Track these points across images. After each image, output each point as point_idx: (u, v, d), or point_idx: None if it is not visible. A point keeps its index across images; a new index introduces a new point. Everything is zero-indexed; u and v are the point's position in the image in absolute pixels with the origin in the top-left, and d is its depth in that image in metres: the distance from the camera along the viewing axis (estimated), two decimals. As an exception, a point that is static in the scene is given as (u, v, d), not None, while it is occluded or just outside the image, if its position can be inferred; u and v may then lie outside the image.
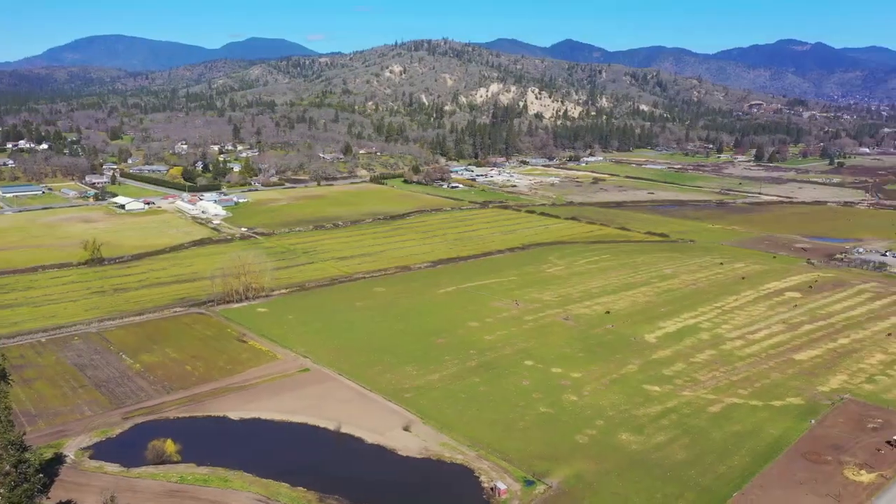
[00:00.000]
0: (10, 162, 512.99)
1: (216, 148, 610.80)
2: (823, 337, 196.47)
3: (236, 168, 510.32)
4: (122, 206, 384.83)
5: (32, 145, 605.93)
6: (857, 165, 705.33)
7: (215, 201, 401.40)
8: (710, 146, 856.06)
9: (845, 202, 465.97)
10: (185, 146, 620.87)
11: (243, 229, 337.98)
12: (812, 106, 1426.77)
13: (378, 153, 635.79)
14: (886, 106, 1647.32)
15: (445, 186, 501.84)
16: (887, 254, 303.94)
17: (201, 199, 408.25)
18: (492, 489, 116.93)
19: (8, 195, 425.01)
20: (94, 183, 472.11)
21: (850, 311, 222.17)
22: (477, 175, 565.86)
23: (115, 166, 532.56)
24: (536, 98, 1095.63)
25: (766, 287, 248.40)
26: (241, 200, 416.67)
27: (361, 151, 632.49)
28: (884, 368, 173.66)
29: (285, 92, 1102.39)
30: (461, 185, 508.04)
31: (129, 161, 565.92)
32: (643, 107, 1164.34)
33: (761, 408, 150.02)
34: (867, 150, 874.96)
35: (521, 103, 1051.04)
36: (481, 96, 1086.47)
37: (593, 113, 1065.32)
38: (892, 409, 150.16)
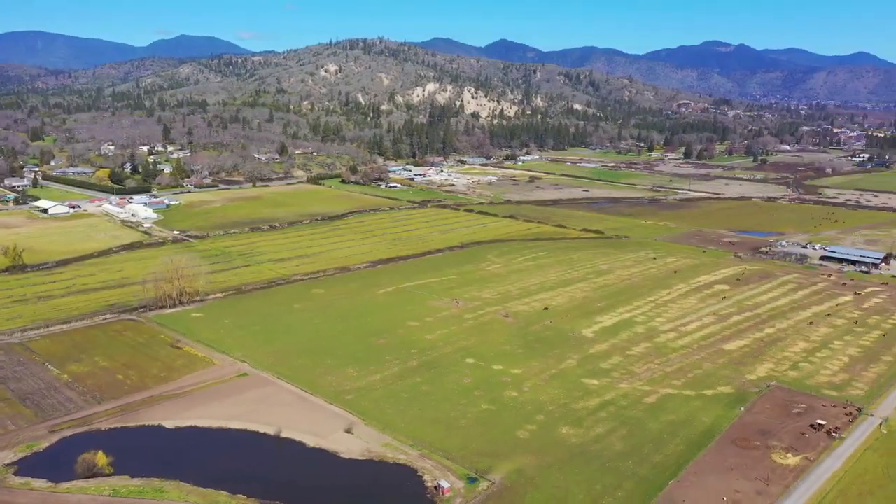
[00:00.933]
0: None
1: (145, 149, 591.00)
2: (751, 327, 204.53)
3: (167, 169, 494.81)
4: (46, 210, 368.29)
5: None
6: (778, 162, 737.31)
7: (145, 204, 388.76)
8: (642, 144, 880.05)
9: (769, 197, 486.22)
10: (112, 147, 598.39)
11: (176, 232, 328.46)
12: (736, 105, 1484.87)
13: (314, 153, 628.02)
14: (804, 105, 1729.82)
15: (383, 186, 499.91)
16: (808, 246, 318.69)
17: (130, 202, 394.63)
18: (435, 488, 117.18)
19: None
20: (14, 186, 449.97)
21: (774, 301, 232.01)
22: (415, 174, 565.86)
23: (37, 168, 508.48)
24: (473, 97, 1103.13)
25: (696, 280, 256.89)
26: (172, 203, 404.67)
27: (297, 152, 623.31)
28: (806, 356, 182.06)
29: (217, 91, 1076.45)
30: (399, 185, 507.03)
31: (52, 163, 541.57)
32: (577, 106, 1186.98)
33: (694, 397, 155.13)
34: (788, 147, 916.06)
35: (458, 103, 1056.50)
36: (418, 96, 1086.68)
37: (529, 112, 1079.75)
38: (814, 395, 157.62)
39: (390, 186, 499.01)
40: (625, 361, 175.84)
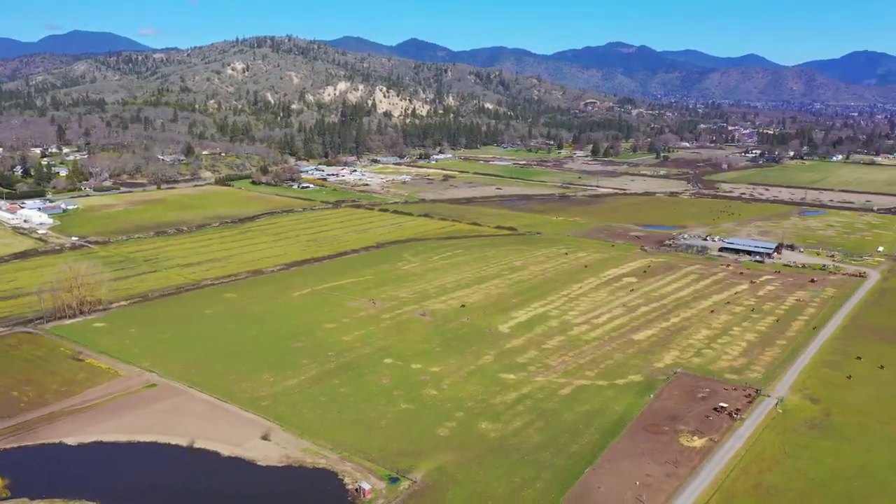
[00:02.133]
0: None
1: (38, 151, 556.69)
2: (657, 317, 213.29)
3: (63, 172, 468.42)
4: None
5: None
6: (679, 158, 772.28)
7: (40, 209, 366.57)
8: (551, 142, 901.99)
9: (671, 192, 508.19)
10: None
11: (74, 238, 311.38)
12: (639, 104, 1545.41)
13: (223, 154, 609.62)
14: (702, 104, 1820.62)
15: (296, 187, 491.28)
16: (707, 238, 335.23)
17: (23, 207, 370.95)
18: (356, 490, 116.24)
19: None
20: None
21: (678, 292, 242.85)
22: (328, 174, 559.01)
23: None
24: (385, 97, 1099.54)
25: (606, 274, 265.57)
26: (70, 207, 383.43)
27: (204, 152, 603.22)
28: (709, 342, 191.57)
29: (116, 90, 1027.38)
30: (312, 185, 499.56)
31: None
32: (488, 105, 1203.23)
33: (606, 387, 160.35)
34: (687, 144, 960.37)
35: (370, 102, 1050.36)
36: (329, 95, 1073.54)
37: (441, 111, 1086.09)
38: (717, 379, 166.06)
39: (303, 187, 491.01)
40: (540, 355, 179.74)
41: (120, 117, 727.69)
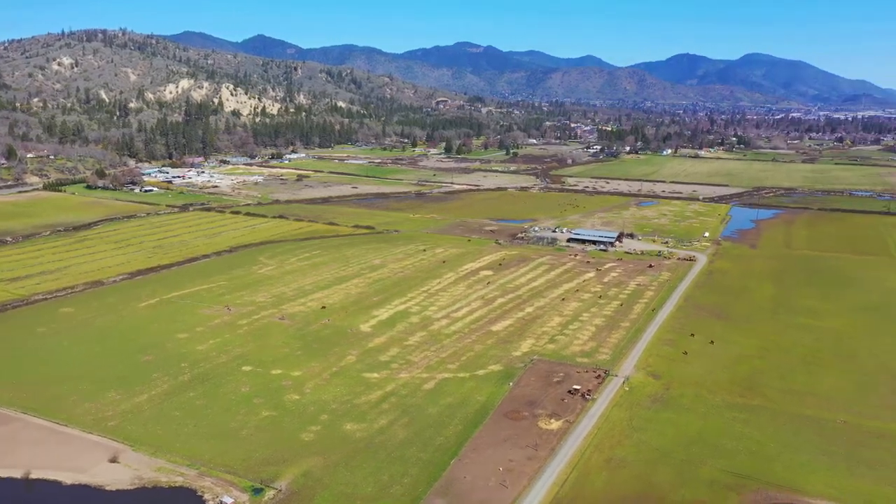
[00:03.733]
0: None
1: None
2: (514, 308, 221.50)
3: None
4: None
5: None
6: (528, 154, 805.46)
7: None
8: (406, 140, 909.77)
9: (521, 187, 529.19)
10: None
11: None
12: (489, 103, 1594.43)
13: (52, 156, 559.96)
14: (546, 103, 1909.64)
15: (138, 190, 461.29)
16: (556, 230, 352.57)
17: None
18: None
19: None
20: None
21: (532, 282, 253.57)
22: (173, 176, 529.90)
23: None
24: (232, 95, 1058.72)
25: (464, 268, 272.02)
26: None
27: (30, 155, 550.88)
28: (561, 329, 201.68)
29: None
30: (156, 189, 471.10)
31: None
32: (341, 104, 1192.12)
33: (468, 378, 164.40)
34: (534, 140, 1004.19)
35: (216, 100, 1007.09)
36: (171, 93, 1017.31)
37: (292, 110, 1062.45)
38: (570, 363, 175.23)
39: (146, 190, 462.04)
40: (403, 352, 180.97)
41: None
